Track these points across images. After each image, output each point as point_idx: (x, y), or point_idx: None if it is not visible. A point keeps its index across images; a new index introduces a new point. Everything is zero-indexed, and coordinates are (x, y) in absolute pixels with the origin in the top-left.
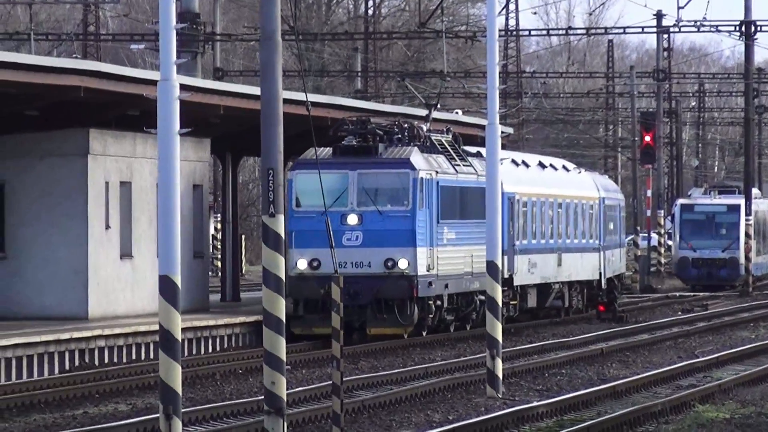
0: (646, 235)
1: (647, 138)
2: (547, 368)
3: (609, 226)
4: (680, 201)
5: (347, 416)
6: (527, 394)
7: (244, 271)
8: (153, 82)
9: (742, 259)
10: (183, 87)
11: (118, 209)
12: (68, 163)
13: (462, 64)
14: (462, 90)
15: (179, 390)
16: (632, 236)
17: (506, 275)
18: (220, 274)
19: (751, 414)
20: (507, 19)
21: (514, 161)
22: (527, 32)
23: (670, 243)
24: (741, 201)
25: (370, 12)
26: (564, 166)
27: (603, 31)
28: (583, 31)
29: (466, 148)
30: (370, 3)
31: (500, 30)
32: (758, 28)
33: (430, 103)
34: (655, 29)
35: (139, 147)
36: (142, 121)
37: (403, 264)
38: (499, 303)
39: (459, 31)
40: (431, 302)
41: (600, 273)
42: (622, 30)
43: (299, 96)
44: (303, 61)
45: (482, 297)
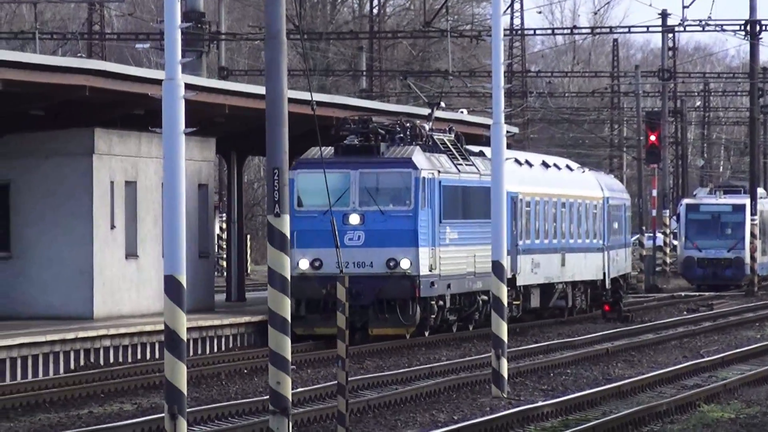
0: (652, 234)
1: (652, 137)
2: (552, 368)
3: (613, 225)
4: (685, 201)
5: (352, 416)
6: (532, 393)
7: (249, 271)
8: (158, 82)
9: (748, 259)
10: (188, 86)
11: (123, 209)
12: (73, 162)
13: (467, 64)
14: (467, 89)
15: (184, 390)
16: (637, 236)
17: (509, 275)
18: (225, 273)
19: (757, 414)
20: (512, 19)
21: (517, 160)
22: (532, 31)
23: (675, 243)
24: (746, 201)
25: (375, 11)
26: (567, 166)
27: (608, 30)
28: (588, 31)
29: (469, 147)
30: (375, 2)
31: (505, 29)
32: (763, 28)
33: (433, 102)
34: (660, 28)
35: (144, 146)
36: (147, 121)
37: (405, 264)
38: (505, 303)
39: (464, 31)
40: (433, 302)
41: (604, 273)
42: (627, 29)
43: (304, 95)
44: (308, 60)
45: (485, 297)
